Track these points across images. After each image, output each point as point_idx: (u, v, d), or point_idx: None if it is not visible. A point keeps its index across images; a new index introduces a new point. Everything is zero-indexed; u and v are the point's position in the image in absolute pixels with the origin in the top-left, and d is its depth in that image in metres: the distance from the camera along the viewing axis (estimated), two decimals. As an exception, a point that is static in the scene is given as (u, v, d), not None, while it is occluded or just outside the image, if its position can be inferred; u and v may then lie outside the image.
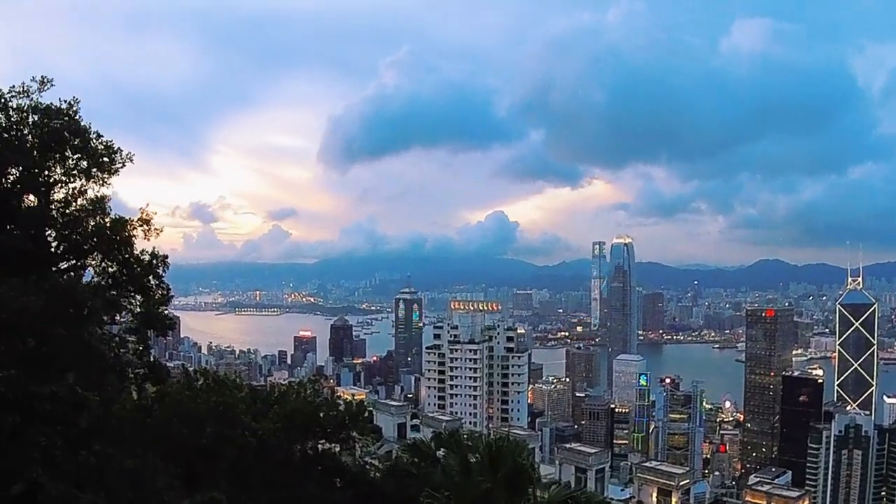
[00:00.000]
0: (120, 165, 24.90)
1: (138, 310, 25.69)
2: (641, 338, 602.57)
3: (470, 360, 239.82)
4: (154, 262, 25.45)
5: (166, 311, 27.24)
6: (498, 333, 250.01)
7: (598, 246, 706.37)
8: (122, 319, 25.94)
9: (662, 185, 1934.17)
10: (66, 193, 24.10)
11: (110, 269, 24.82)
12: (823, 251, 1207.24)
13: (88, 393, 17.65)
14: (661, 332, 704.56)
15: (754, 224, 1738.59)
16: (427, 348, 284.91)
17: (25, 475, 14.80)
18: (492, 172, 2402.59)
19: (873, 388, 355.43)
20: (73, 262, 24.81)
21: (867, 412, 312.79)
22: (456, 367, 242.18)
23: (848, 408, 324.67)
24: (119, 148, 24.65)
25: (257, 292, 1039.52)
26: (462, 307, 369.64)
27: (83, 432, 17.24)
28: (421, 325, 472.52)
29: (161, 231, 25.56)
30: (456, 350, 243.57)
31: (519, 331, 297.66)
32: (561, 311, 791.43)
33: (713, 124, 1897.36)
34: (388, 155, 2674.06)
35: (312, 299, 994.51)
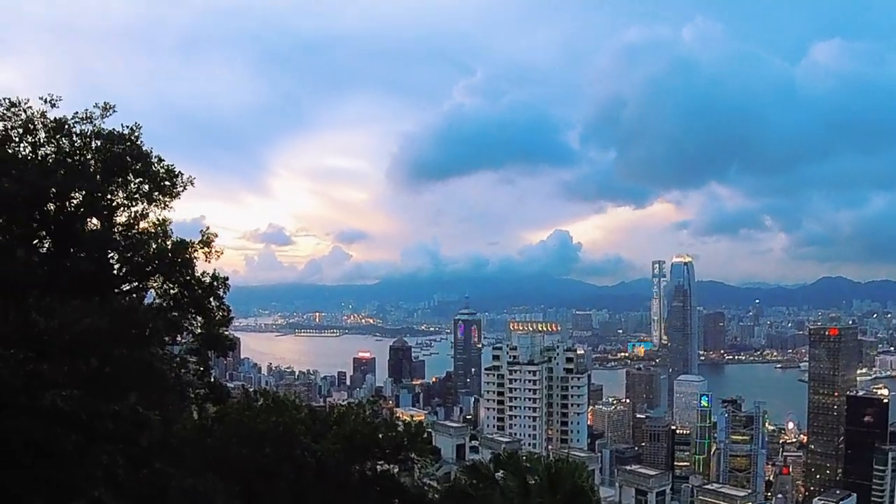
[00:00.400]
0: (181, 189, 25.12)
1: (199, 331, 25.80)
2: (702, 358, 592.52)
3: (529, 381, 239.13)
4: (215, 283, 25.55)
5: (227, 333, 27.35)
6: (557, 354, 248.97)
7: (657, 265, 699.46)
8: (182, 340, 25.98)
9: (728, 202, 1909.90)
10: (129, 217, 24.47)
11: (172, 291, 24.95)
12: (887, 267, 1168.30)
13: (150, 412, 17.76)
14: (722, 351, 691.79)
15: (818, 241, 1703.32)
16: (486, 369, 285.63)
17: (88, 493, 14.84)
18: (555, 193, 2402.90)
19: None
20: (136, 284, 25.10)
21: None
22: (515, 388, 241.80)
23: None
24: (180, 172, 24.94)
25: (317, 314, 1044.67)
26: (521, 328, 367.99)
27: (144, 451, 17.29)
28: (480, 346, 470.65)
29: (222, 253, 25.69)
30: (515, 371, 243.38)
31: (578, 351, 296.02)
32: (621, 331, 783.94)
33: (784, 141, 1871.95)
34: (453, 177, 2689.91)
35: (372, 320, 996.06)
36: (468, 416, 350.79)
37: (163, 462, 17.31)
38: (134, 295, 25.06)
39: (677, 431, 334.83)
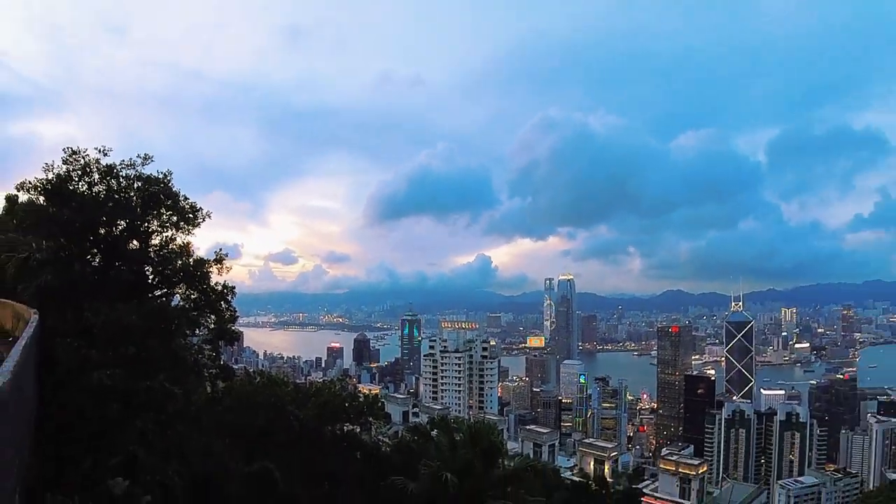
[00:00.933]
0: (201, 220, 25.31)
1: (212, 326, 25.80)
2: (581, 348, 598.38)
3: (456, 364, 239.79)
4: (225, 291, 25.61)
5: (233, 328, 27.19)
6: (476, 345, 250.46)
7: (548, 281, 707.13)
8: (199, 333, 25.91)
9: (605, 236, 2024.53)
10: (161, 240, 24.57)
11: (192, 296, 24.99)
12: (714, 283, 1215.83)
13: (174, 388, 17.56)
14: (594, 343, 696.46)
15: (665, 264, 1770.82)
16: (424, 356, 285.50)
17: (125, 450, 14.45)
18: (481, 229, 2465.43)
19: (752, 383, 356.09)
20: (165, 290, 25.08)
21: (748, 401, 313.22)
22: (445, 370, 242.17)
23: (734, 398, 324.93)
24: (201, 207, 25.31)
25: (301, 314, 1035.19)
26: (450, 326, 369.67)
27: (170, 417, 17.01)
28: (420, 339, 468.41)
29: (230, 269, 25.80)
30: (445, 357, 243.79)
31: (491, 343, 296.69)
32: (522, 328, 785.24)
33: (652, 195, 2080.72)
34: (407, 217, 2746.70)
35: (341, 319, 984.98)
36: (411, 390, 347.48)
37: (184, 426, 16.96)
38: (164, 299, 25.01)
39: (563, 401, 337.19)
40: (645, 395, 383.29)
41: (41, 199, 22.33)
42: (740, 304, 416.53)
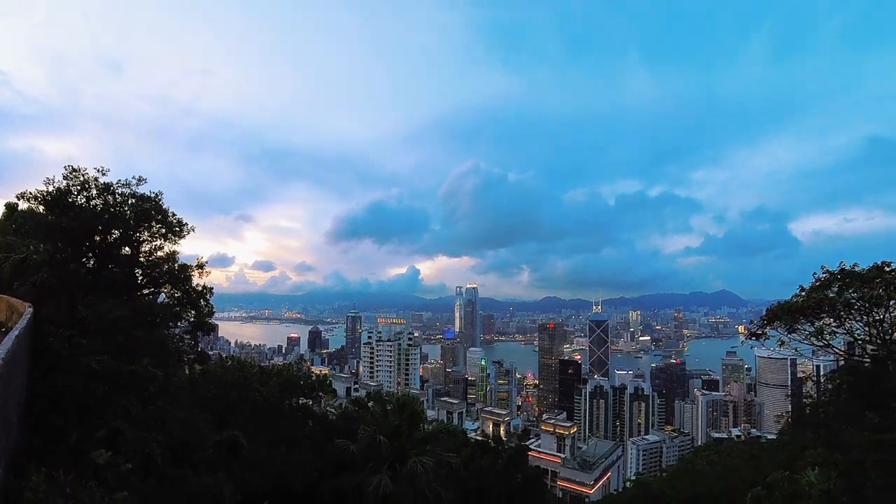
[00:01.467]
0: (186, 233, 24.14)
1: (192, 319, 24.65)
2: (482, 338, 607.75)
3: (388, 351, 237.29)
4: (204, 290, 24.56)
5: (210, 321, 26.03)
6: (403, 336, 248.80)
7: (459, 288, 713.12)
8: (181, 325, 24.62)
9: (503, 256, 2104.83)
10: (150, 248, 23.36)
11: (176, 295, 23.92)
12: (581, 292, 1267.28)
13: (156, 370, 16.31)
14: (492, 335, 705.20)
15: (546, 277, 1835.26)
16: (364, 344, 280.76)
17: (109, 424, 13.24)
18: (414, 250, 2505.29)
19: (608, 366, 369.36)
20: (152, 290, 23.86)
21: (606, 379, 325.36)
22: (380, 355, 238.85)
23: (595, 376, 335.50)
24: (186, 223, 24.03)
25: (266, 311, 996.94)
26: (384, 321, 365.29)
27: (152, 395, 15.75)
28: (360, 331, 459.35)
29: (209, 273, 24.55)
30: (380, 345, 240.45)
31: (415, 335, 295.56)
32: (438, 323, 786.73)
33: (545, 229, 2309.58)
34: (357, 239, 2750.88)
35: (300, 315, 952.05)
36: (353, 371, 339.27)
37: (165, 402, 15.77)
38: (150, 297, 23.85)
39: (469, 378, 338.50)
40: (529, 374, 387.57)
41: (41, 208, 20.57)
42: (599, 307, 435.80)
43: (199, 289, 24.00)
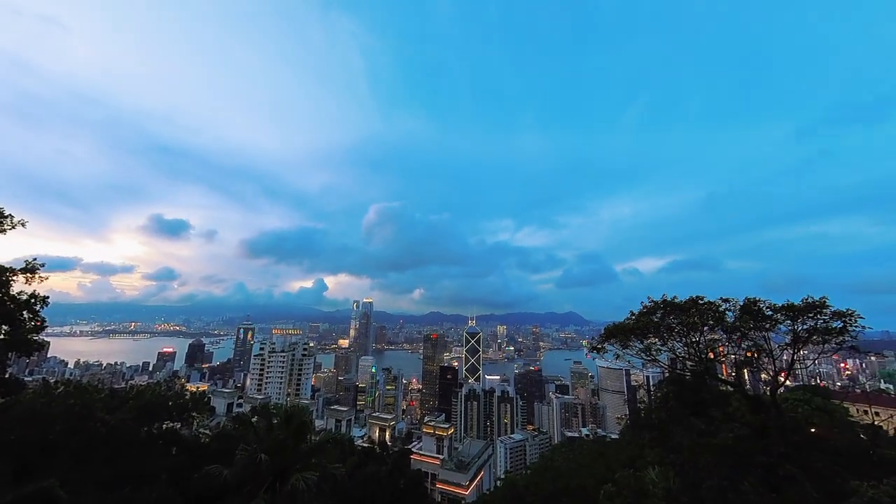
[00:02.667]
0: (9, 227, 17.61)
1: (1, 336, 17.81)
2: (374, 347, 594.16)
3: (280, 362, 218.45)
4: (32, 300, 18.13)
5: (35, 338, 18.93)
6: (298, 346, 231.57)
7: (355, 302, 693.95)
8: None
9: (402, 276, 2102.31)
10: None
11: None
12: (459, 308, 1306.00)
13: None
14: (383, 344, 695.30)
15: (433, 295, 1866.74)
16: (254, 356, 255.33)
17: None
18: (315, 267, 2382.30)
19: (480, 371, 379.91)
20: None
21: (478, 383, 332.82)
22: (271, 367, 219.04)
23: (469, 381, 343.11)
24: (10, 214, 17.29)
25: (133, 323, 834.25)
26: (280, 332, 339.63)
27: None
28: (252, 342, 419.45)
29: (46, 278, 18.03)
30: (272, 356, 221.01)
31: (310, 345, 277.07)
32: (334, 334, 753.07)
33: (449, 256, 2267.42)
34: (260, 253, 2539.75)
35: (179, 328, 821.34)
36: (238, 385, 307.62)
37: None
38: None
39: (359, 385, 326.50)
40: (414, 380, 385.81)
41: None
42: (474, 321, 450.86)
43: (23, 298, 17.81)
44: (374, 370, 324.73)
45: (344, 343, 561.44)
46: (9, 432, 15.08)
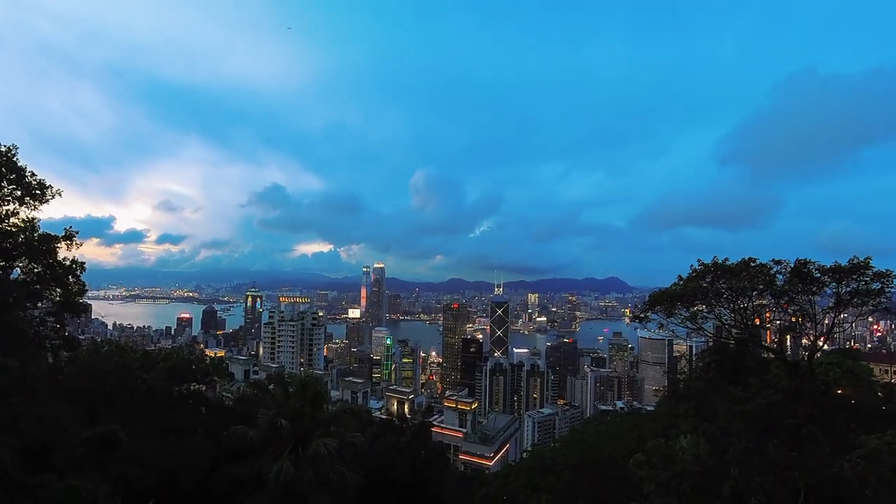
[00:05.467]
0: (50, 197, 20.32)
1: (58, 299, 20.95)
2: (388, 318, 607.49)
3: (291, 331, 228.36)
4: (73, 265, 20.92)
5: (81, 300, 22.20)
6: (307, 315, 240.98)
7: (366, 268, 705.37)
8: (42, 305, 20.98)
9: (420, 241, 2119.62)
10: (1, 214, 19.42)
11: (35, 270, 20.11)
12: (484, 273, 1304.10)
13: (8, 359, 13.70)
14: (398, 315, 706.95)
15: (455, 260, 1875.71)
16: (265, 324, 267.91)
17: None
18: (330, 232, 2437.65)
19: (508, 344, 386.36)
20: (3, 263, 19.63)
21: (505, 356, 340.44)
22: (282, 336, 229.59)
23: (495, 354, 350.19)
24: (50, 185, 20.11)
25: (154, 289, 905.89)
26: (287, 300, 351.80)
27: (3, 390, 13.22)
28: (261, 310, 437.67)
29: (81, 244, 20.89)
30: (282, 325, 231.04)
31: (319, 314, 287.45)
32: (344, 303, 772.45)
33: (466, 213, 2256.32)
34: (266, 214, 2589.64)
35: (192, 294, 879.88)
36: (252, 353, 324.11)
37: (18, 397, 13.34)
38: (0, 272, 19.61)
39: (374, 358, 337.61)
40: (433, 353, 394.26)
41: None
42: (501, 289, 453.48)
43: (67, 263, 20.61)
44: (389, 342, 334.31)
45: (354, 312, 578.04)
46: (75, 382, 18.33)
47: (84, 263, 21.33)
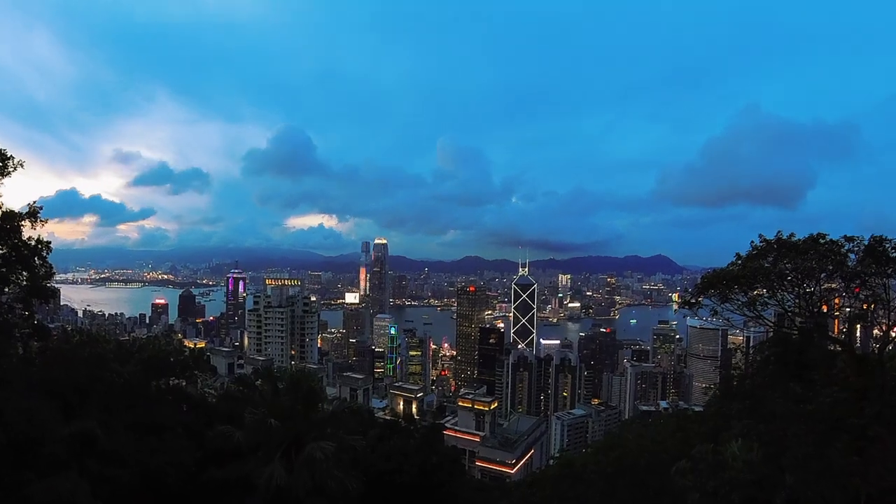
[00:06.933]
0: (11, 170, 21.04)
1: (24, 283, 21.98)
2: (392, 303, 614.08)
3: (279, 318, 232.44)
4: (39, 246, 21.85)
5: (49, 284, 23.34)
6: (297, 301, 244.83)
7: (365, 244, 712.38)
8: (9, 291, 21.96)
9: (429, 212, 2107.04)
10: None
11: (1, 252, 21.02)
12: (506, 250, 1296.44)
13: None
14: (404, 299, 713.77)
15: (467, 235, 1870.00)
16: (249, 311, 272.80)
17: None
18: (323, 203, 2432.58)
19: (533, 334, 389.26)
20: None
21: (530, 349, 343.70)
22: (269, 324, 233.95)
23: (519, 346, 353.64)
24: (11, 156, 20.78)
25: (126, 270, 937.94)
26: (274, 283, 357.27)
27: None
28: (245, 295, 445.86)
29: (46, 222, 21.83)
30: (269, 312, 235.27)
31: (311, 299, 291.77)
32: (340, 286, 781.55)
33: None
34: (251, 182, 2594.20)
35: (166, 276, 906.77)
36: (236, 344, 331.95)
37: (-1, 389, 14.44)
38: None
39: (376, 350, 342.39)
40: (446, 344, 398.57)
41: None
42: (526, 269, 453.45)
43: (32, 244, 21.50)
44: (393, 332, 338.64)
45: (352, 297, 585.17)
46: (47, 374, 19.59)
47: (50, 243, 22.19)
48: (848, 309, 22.85)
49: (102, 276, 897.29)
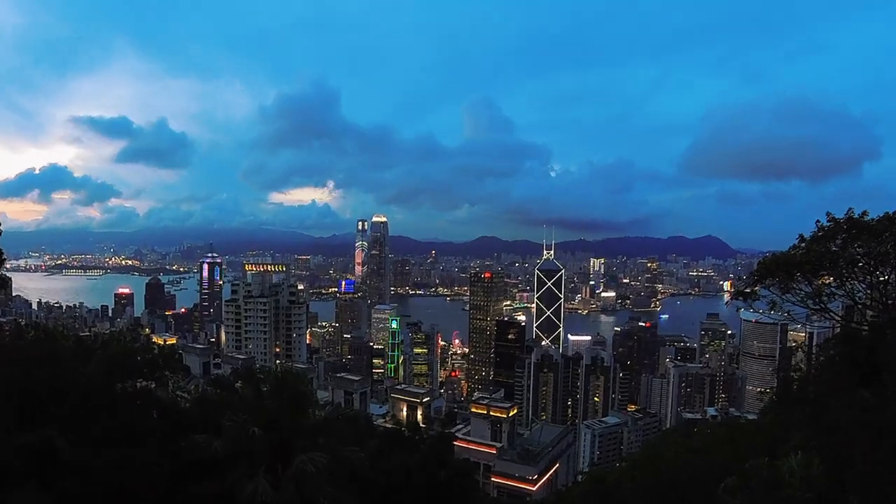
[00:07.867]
0: None
1: None
2: (393, 292, 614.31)
3: (261, 310, 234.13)
4: None
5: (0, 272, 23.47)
6: (282, 289, 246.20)
7: (361, 223, 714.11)
8: None
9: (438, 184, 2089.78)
10: None
11: None
12: (527, 230, 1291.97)
13: None
14: (407, 287, 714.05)
15: (482, 211, 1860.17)
16: (226, 302, 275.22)
17: None
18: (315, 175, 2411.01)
19: (560, 329, 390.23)
20: None
21: (556, 346, 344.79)
22: (249, 316, 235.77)
23: (543, 343, 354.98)
24: None
25: (85, 256, 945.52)
26: (254, 269, 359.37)
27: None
28: (221, 283, 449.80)
29: None
30: (250, 302, 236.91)
31: (299, 287, 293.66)
32: (332, 272, 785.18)
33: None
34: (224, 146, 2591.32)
35: (131, 262, 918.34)
36: (212, 339, 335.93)
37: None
38: None
39: (374, 347, 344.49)
40: (457, 340, 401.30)
41: None
42: (551, 252, 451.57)
43: None
44: (395, 326, 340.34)
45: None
46: (3, 374, 20.02)
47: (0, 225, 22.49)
48: (930, 302, 22.77)
49: (58, 262, 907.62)
